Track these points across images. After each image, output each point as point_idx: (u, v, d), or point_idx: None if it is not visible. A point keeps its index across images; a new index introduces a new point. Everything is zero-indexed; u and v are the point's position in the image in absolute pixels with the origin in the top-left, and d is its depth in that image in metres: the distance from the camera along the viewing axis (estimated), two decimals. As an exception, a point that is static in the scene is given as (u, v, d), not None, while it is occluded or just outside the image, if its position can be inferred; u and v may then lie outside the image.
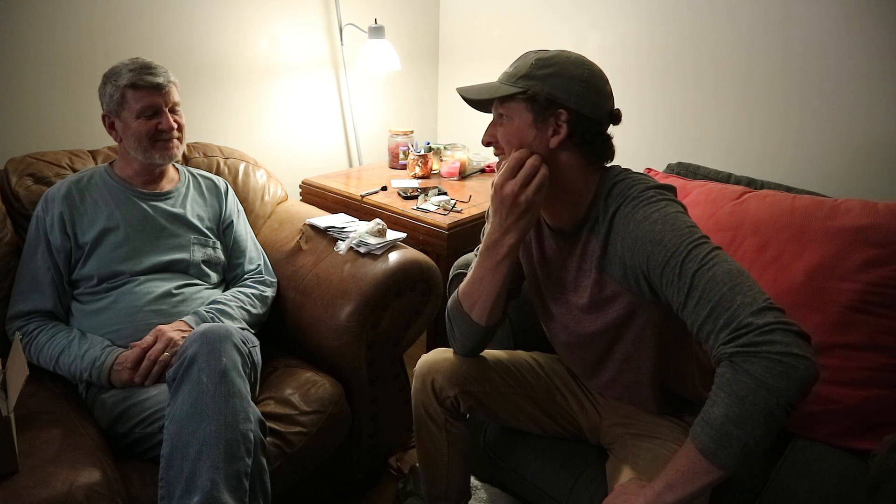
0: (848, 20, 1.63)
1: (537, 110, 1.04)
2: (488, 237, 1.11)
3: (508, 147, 1.08)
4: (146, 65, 1.40)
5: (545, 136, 1.05)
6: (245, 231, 1.64)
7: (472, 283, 1.16)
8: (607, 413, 1.27)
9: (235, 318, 1.44)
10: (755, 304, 0.86)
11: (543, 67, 1.04)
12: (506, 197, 1.04)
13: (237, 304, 1.47)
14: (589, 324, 1.14)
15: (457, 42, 2.60)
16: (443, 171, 2.31)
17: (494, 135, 1.10)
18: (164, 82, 1.40)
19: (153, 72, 1.39)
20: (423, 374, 1.26)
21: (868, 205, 1.36)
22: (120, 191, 1.46)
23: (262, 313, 1.53)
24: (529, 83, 1.04)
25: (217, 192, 1.62)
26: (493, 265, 1.11)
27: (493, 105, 1.10)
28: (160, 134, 1.42)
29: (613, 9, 2.08)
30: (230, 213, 1.62)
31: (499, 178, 1.06)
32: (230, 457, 1.08)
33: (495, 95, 1.06)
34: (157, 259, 1.44)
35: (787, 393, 0.81)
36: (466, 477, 1.35)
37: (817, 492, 1.14)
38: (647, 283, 1.00)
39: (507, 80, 1.06)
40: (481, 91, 1.09)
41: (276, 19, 2.12)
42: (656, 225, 0.97)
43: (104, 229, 1.41)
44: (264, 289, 1.57)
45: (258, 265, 1.61)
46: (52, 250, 1.39)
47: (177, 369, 1.15)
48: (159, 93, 1.40)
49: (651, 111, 2.07)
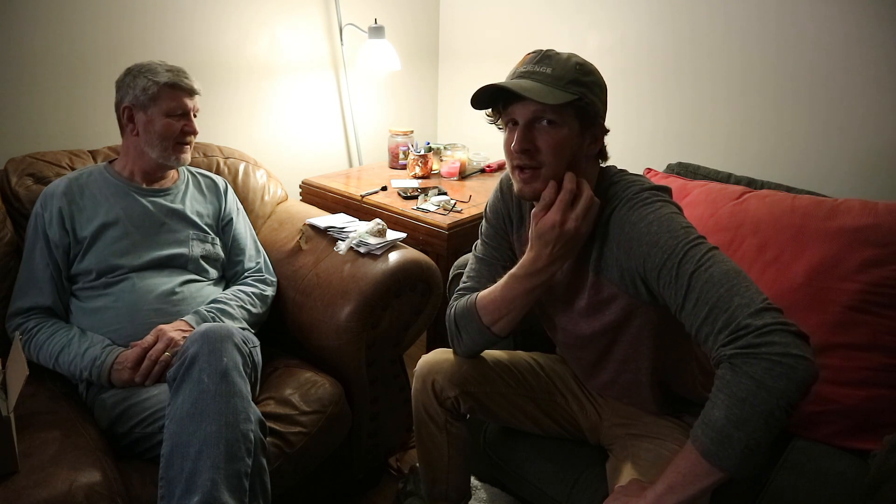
0: (848, 20, 1.63)
1: (585, 120, 1.01)
2: (531, 264, 1.06)
3: (554, 156, 1.01)
4: (182, 69, 1.47)
5: (584, 145, 1.03)
6: (245, 229, 1.64)
7: (501, 302, 1.12)
8: (607, 413, 1.27)
9: (236, 317, 1.44)
10: (753, 305, 0.86)
11: (587, 74, 1.00)
12: (567, 232, 1.00)
13: (238, 303, 1.47)
14: (586, 325, 1.14)
15: (457, 42, 2.60)
16: (443, 171, 2.31)
17: (534, 141, 1.01)
18: (198, 89, 1.48)
19: (189, 77, 1.46)
20: (423, 375, 1.26)
21: (868, 205, 1.36)
22: (119, 186, 1.47)
23: (263, 312, 1.53)
24: (582, 90, 0.99)
25: (216, 191, 1.62)
26: (529, 289, 1.09)
27: (522, 106, 1.00)
28: (183, 136, 1.46)
29: (613, 9, 2.08)
30: (229, 211, 1.62)
31: (555, 213, 1.00)
32: (230, 457, 1.08)
33: (556, 101, 0.97)
34: (156, 254, 1.44)
35: (787, 394, 0.81)
36: (466, 477, 1.35)
37: (817, 492, 1.14)
38: (645, 285, 1.00)
39: (556, 84, 0.98)
40: (537, 92, 0.97)
41: (276, 19, 2.12)
42: (652, 227, 0.97)
43: (103, 224, 1.41)
44: (265, 288, 1.57)
45: (258, 263, 1.61)
46: (51, 246, 1.39)
47: (177, 369, 1.15)
48: (191, 97, 1.47)
49: (651, 111, 2.07)
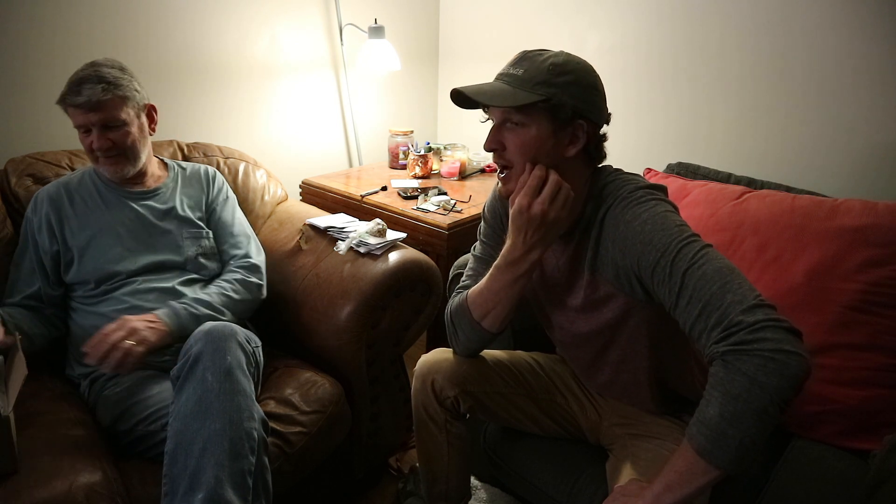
0: (848, 19, 1.63)
1: (559, 120, 1.01)
2: (508, 254, 1.07)
3: (520, 156, 1.03)
4: (78, 79, 1.32)
5: (562, 145, 1.03)
6: (232, 217, 1.59)
7: (487, 294, 1.13)
8: (607, 413, 1.27)
9: (213, 303, 1.39)
10: (745, 302, 0.86)
11: (561, 74, 1.00)
12: (534, 216, 1.01)
13: (216, 289, 1.43)
14: (584, 324, 1.14)
15: (457, 42, 2.60)
16: (443, 171, 2.31)
17: (501, 141, 1.04)
18: (84, 101, 1.30)
19: (79, 89, 1.31)
20: (423, 375, 1.26)
21: (868, 205, 1.36)
22: (108, 191, 1.45)
23: (249, 300, 1.47)
24: (551, 91, 0.99)
25: (202, 179, 1.58)
26: (512, 280, 1.09)
27: (493, 107, 1.04)
28: (93, 152, 1.37)
29: (613, 9, 2.08)
30: (214, 199, 1.58)
31: (522, 197, 1.02)
32: (234, 454, 1.08)
33: (516, 103, 1.00)
34: (151, 258, 1.43)
35: (780, 390, 0.81)
36: (466, 477, 1.35)
37: (817, 492, 1.14)
38: (640, 284, 1.00)
39: (523, 86, 1.00)
40: (493, 95, 1.01)
41: (276, 19, 2.12)
42: (646, 225, 0.97)
43: (95, 232, 1.40)
44: (248, 274, 1.50)
45: (245, 251, 1.54)
46: (40, 252, 1.39)
47: (181, 367, 1.15)
48: (84, 112, 1.32)
49: (651, 111, 2.07)
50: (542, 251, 1.06)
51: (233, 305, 1.43)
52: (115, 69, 1.36)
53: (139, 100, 1.40)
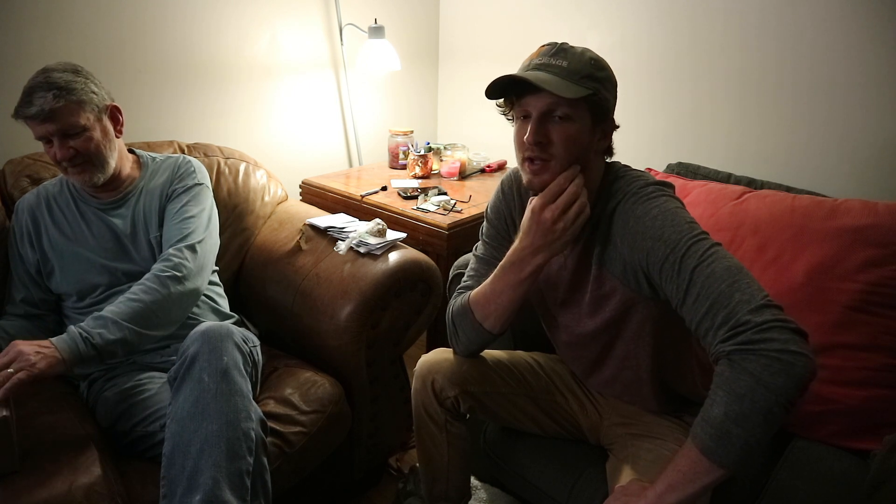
0: (848, 19, 1.63)
1: (597, 115, 1.01)
2: (515, 253, 1.07)
3: (565, 150, 1.00)
4: (28, 89, 1.24)
5: (594, 141, 1.03)
6: (178, 206, 1.41)
7: (490, 295, 1.13)
8: (608, 413, 1.27)
9: (105, 317, 1.20)
10: (753, 302, 0.86)
11: (600, 69, 1.00)
12: (543, 221, 1.01)
13: (117, 302, 1.25)
14: (589, 322, 1.14)
15: (457, 42, 2.60)
16: (443, 171, 2.31)
17: (547, 134, 1.00)
18: (37, 111, 1.22)
19: (30, 99, 1.22)
20: (423, 375, 1.26)
21: (868, 205, 1.36)
22: (83, 202, 1.41)
23: (160, 298, 1.26)
24: (596, 85, 0.98)
25: (172, 168, 1.48)
26: (516, 282, 1.08)
27: (534, 100, 0.99)
28: (60, 163, 1.29)
29: (613, 9, 2.08)
30: (174, 188, 1.44)
31: (539, 198, 1.02)
32: (232, 455, 1.08)
33: (574, 95, 0.96)
34: (129, 267, 1.39)
35: (786, 390, 0.81)
36: (466, 477, 1.35)
37: (817, 492, 1.14)
38: (647, 279, 1.01)
39: (571, 78, 0.97)
40: (558, 86, 0.96)
41: (276, 19, 2.12)
42: (656, 221, 0.97)
43: (73, 243, 1.38)
44: (164, 268, 1.30)
45: (176, 239, 1.35)
46: (25, 262, 1.39)
47: (178, 368, 1.15)
48: (39, 123, 1.24)
49: (651, 111, 2.07)
50: (548, 257, 1.06)
51: (131, 311, 1.23)
52: (68, 73, 1.27)
53: (98, 102, 1.30)
